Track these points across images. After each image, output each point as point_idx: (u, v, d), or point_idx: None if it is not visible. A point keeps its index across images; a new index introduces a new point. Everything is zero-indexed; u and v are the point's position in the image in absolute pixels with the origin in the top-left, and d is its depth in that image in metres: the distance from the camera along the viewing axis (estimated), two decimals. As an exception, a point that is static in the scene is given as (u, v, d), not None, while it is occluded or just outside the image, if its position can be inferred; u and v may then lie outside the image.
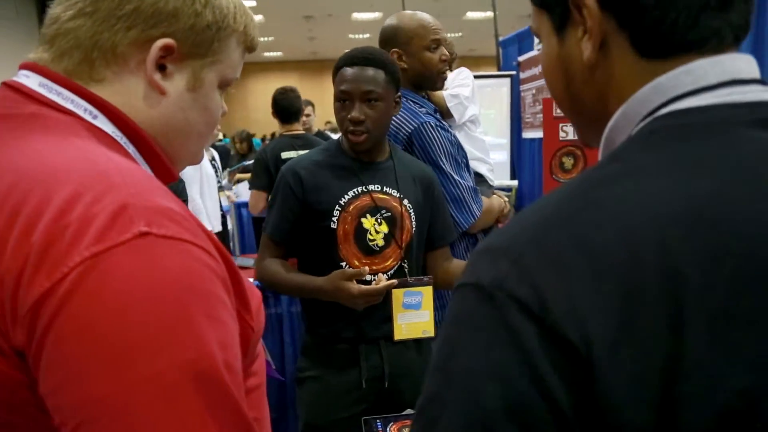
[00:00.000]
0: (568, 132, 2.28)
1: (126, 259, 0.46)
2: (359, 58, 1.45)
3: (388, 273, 1.50)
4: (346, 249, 1.47)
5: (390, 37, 1.73)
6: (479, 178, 2.03)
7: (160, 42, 0.59)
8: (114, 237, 0.46)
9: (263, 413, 0.69)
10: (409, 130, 1.65)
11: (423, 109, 1.71)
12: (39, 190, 0.48)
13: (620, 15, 0.47)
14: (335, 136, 1.82)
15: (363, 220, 1.47)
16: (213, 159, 4.29)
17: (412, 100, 1.72)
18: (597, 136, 0.55)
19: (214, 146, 6.94)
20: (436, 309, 1.77)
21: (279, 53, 18.09)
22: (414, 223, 1.53)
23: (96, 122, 0.58)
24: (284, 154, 3.25)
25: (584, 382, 0.37)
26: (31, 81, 0.58)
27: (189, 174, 3.98)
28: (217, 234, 3.96)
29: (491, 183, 2.06)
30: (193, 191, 4.04)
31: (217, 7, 0.62)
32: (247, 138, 6.62)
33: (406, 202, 1.51)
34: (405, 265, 1.52)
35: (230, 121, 17.60)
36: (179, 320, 0.47)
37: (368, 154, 1.50)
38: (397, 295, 1.47)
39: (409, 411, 1.41)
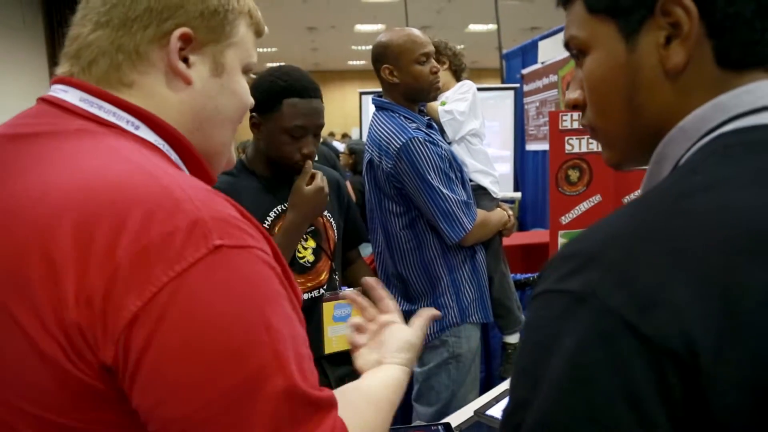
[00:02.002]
0: (573, 145, 2.29)
1: (208, 274, 0.49)
2: (309, 89, 1.40)
3: (323, 287, 1.48)
4: None
5: (380, 54, 1.77)
6: (482, 190, 2.03)
7: (178, 32, 0.61)
8: (192, 253, 0.49)
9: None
10: (398, 146, 1.68)
11: (413, 124, 1.74)
12: (111, 209, 0.50)
13: (714, 22, 0.47)
14: (341, 146, 1.82)
15: None
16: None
17: (403, 116, 1.76)
18: (640, 155, 0.55)
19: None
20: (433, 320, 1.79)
21: (281, 64, 18.14)
22: (335, 231, 1.53)
23: (139, 132, 0.59)
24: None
25: (685, 389, 0.37)
26: (71, 96, 0.59)
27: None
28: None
29: (495, 195, 2.06)
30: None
31: None
32: (245, 149, 6.64)
33: (326, 213, 1.50)
34: (335, 276, 1.51)
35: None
36: (261, 326, 0.51)
37: (282, 173, 1.45)
38: (328, 308, 1.46)
39: (418, 423, 1.41)
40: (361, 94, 4.36)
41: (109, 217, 0.49)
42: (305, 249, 1.46)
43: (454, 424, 1.35)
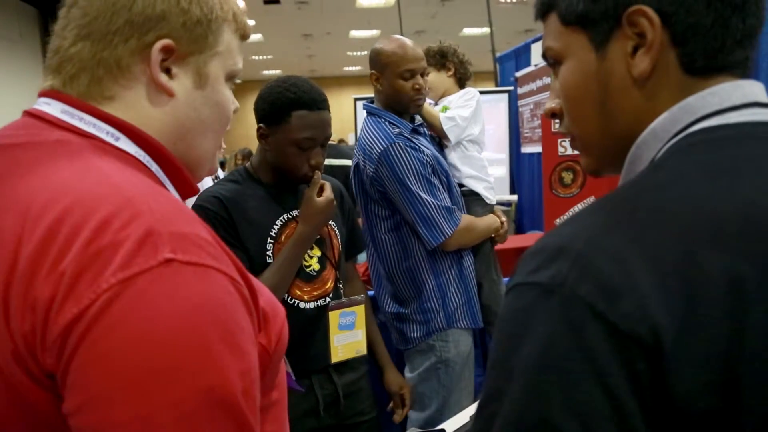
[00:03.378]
0: (566, 147, 2.30)
1: (151, 286, 0.47)
2: (318, 101, 1.41)
3: (329, 296, 1.48)
4: None
5: (371, 59, 1.81)
6: (475, 196, 2.03)
7: (159, 44, 0.60)
8: (139, 263, 0.47)
9: (284, 428, 0.69)
10: (379, 151, 1.71)
11: (396, 129, 1.76)
12: (69, 218, 0.49)
13: (677, 31, 0.50)
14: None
15: None
16: (216, 177, 4.29)
17: (388, 121, 1.78)
18: (615, 160, 0.56)
19: (222, 164, 7.00)
20: (418, 323, 1.81)
21: (278, 71, 18.21)
22: (339, 240, 1.54)
23: (119, 144, 0.59)
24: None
25: (651, 374, 0.38)
26: (53, 108, 0.59)
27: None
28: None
29: (488, 201, 2.05)
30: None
31: (203, 1, 0.63)
32: (248, 155, 6.67)
33: (330, 221, 1.51)
34: (340, 285, 1.52)
35: (231, 138, 17.66)
36: (200, 348, 0.47)
37: (288, 181, 1.47)
38: (334, 316, 1.47)
39: (414, 430, 1.41)
40: (356, 99, 4.37)
41: (67, 226, 0.49)
42: (311, 258, 1.47)
43: (449, 430, 1.35)
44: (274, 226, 1.42)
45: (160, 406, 0.46)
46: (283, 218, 1.44)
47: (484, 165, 2.10)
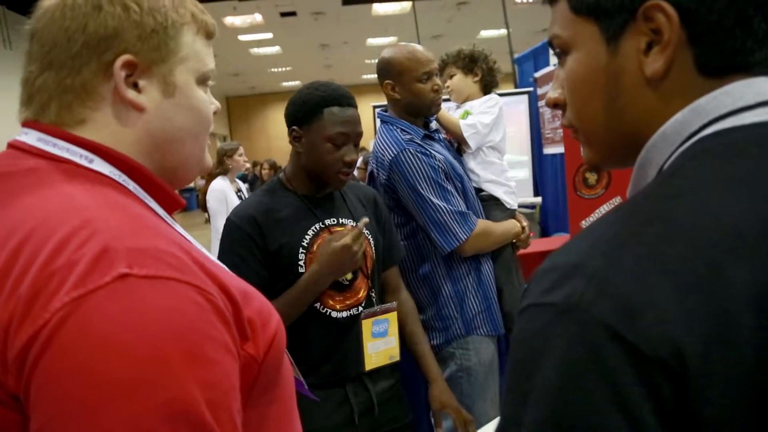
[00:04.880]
0: (589, 147, 2.26)
1: (105, 302, 0.47)
2: (347, 98, 1.43)
3: (361, 305, 1.47)
4: None
5: (383, 70, 1.80)
6: (495, 201, 2.00)
7: (119, 61, 0.60)
8: (95, 280, 0.47)
9: None
10: (390, 157, 1.71)
11: (408, 136, 1.75)
12: (30, 242, 0.50)
13: (695, 30, 0.47)
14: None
15: None
16: (239, 191, 4.34)
17: (400, 128, 1.77)
18: (620, 157, 0.54)
19: (244, 178, 7.06)
20: (437, 330, 1.78)
21: (297, 82, 18.39)
22: (373, 248, 1.52)
23: (93, 165, 0.59)
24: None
25: (676, 398, 0.36)
26: (30, 137, 0.60)
27: (215, 208, 4.04)
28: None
29: (509, 206, 2.01)
30: (219, 224, 4.08)
31: (155, 9, 0.62)
32: (274, 166, 6.74)
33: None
34: (373, 294, 1.51)
35: (253, 150, 17.91)
36: (155, 361, 0.47)
37: (321, 190, 1.47)
38: (367, 325, 1.46)
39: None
40: (375, 108, 4.37)
41: (27, 250, 0.49)
42: None
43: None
44: (306, 236, 1.42)
45: (117, 424, 0.45)
46: (316, 228, 1.43)
47: (505, 170, 2.07)
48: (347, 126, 1.40)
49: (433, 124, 1.97)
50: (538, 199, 4.46)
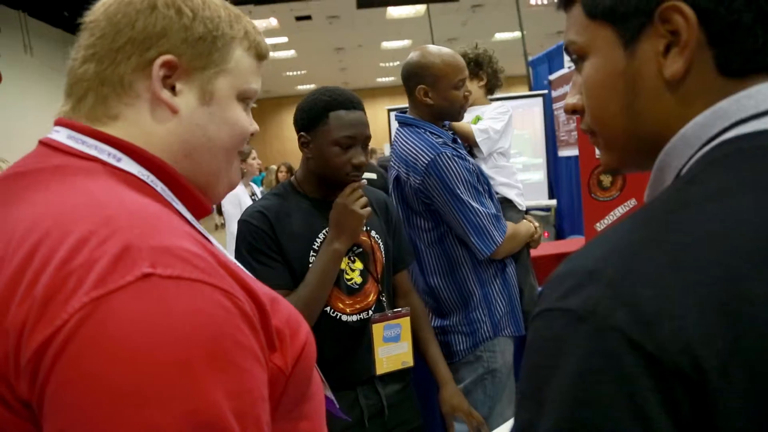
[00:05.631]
0: (604, 149, 2.25)
1: (127, 303, 0.44)
2: (354, 102, 1.43)
3: (371, 309, 1.48)
4: (329, 294, 1.43)
5: (416, 74, 1.75)
6: (508, 203, 2.02)
7: (160, 60, 0.60)
8: (116, 280, 0.44)
9: None
10: (426, 161, 1.68)
11: (440, 140, 1.74)
12: (47, 240, 0.47)
13: (714, 30, 0.46)
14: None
15: None
16: (253, 194, 4.38)
17: (429, 131, 1.75)
18: (639, 161, 0.54)
19: (269, 183, 7.12)
20: (464, 335, 1.78)
21: (312, 85, 18.46)
22: (383, 253, 1.53)
23: (121, 164, 0.58)
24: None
25: (695, 409, 0.36)
26: (61, 135, 0.59)
27: (230, 212, 4.07)
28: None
29: (521, 208, 2.04)
30: (233, 227, 4.12)
31: (207, 18, 0.63)
32: (290, 169, 6.78)
33: (373, 233, 1.51)
34: (383, 298, 1.50)
35: (268, 153, 18.03)
36: (180, 368, 0.44)
37: (332, 193, 1.46)
38: (378, 329, 1.46)
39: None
40: (389, 110, 4.39)
41: (44, 248, 0.47)
42: (353, 270, 1.46)
43: (491, 443, 1.32)
44: (317, 239, 1.43)
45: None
46: (326, 231, 1.44)
47: (514, 172, 2.10)
48: (353, 129, 1.40)
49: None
50: (553, 202, 4.44)
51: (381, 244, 1.53)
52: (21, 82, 7.48)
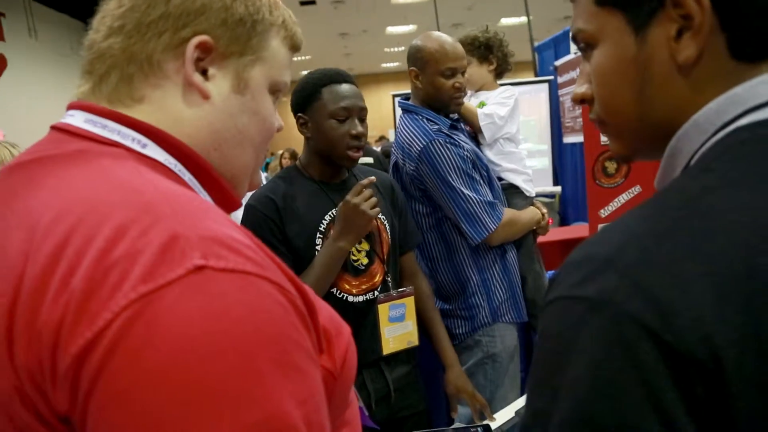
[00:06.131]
0: (609, 136, 2.24)
1: (179, 300, 0.39)
2: (344, 75, 1.46)
3: (377, 289, 1.50)
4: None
5: (411, 56, 1.80)
6: (514, 189, 2.02)
7: (195, 39, 0.54)
8: (164, 274, 0.39)
9: None
10: (419, 148, 1.70)
11: (435, 126, 1.75)
12: (80, 229, 0.42)
13: (728, 14, 0.46)
14: (377, 149, 1.84)
15: None
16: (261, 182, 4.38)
17: (426, 118, 1.77)
18: (650, 148, 0.54)
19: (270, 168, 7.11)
20: (464, 319, 1.80)
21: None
22: (389, 234, 1.55)
23: (146, 151, 0.53)
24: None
25: (712, 398, 0.36)
26: (76, 119, 0.54)
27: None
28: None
29: (528, 194, 2.04)
30: (238, 213, 4.14)
31: (249, 0, 0.58)
32: (294, 155, 6.76)
33: (379, 214, 1.52)
34: (388, 279, 1.53)
35: (274, 139, 17.95)
36: (245, 374, 0.39)
37: (337, 175, 1.50)
38: (383, 309, 1.49)
39: (458, 425, 1.41)
40: (394, 96, 4.38)
41: (78, 238, 0.41)
42: (359, 252, 1.48)
43: (494, 426, 1.34)
44: (323, 221, 1.45)
45: None
46: (332, 213, 1.46)
47: (522, 158, 2.08)
48: (347, 100, 1.43)
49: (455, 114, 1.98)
50: (558, 188, 4.44)
51: (387, 225, 1.55)
52: (27, 67, 7.48)
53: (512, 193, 2.00)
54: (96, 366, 0.37)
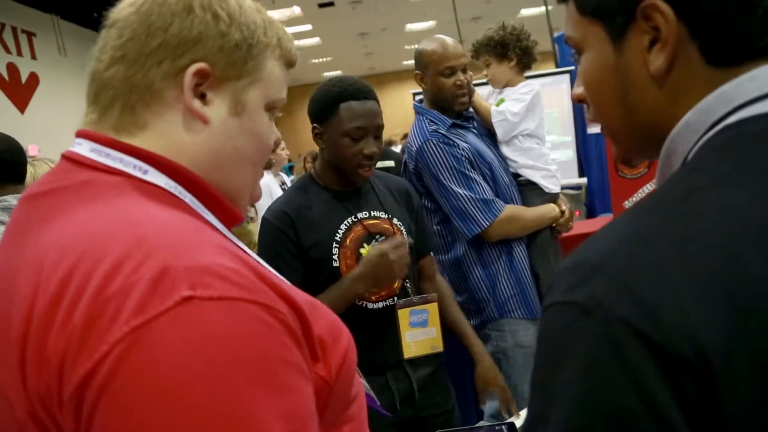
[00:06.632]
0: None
1: (169, 330, 0.42)
2: (364, 91, 1.45)
3: (395, 296, 1.50)
4: None
5: (415, 60, 1.88)
6: (532, 186, 2.00)
7: (193, 68, 0.57)
8: (156, 306, 0.43)
9: None
10: (416, 148, 1.80)
11: (434, 126, 1.82)
12: (81, 265, 0.46)
13: (696, 24, 0.47)
14: (398, 149, 1.88)
15: (361, 250, 1.47)
16: (283, 184, 4.45)
17: (429, 119, 1.85)
18: (645, 149, 0.55)
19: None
20: (472, 312, 1.82)
21: (338, 71, 18.46)
22: (407, 238, 1.54)
23: (147, 177, 0.56)
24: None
25: (702, 396, 0.36)
26: (83, 148, 0.57)
27: (261, 202, 4.16)
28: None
29: (547, 190, 2.01)
30: (265, 217, 4.20)
31: (244, 24, 0.60)
32: (315, 158, 6.77)
33: (395, 221, 1.53)
34: (408, 284, 1.53)
35: (299, 141, 18.12)
36: (228, 396, 0.42)
37: (351, 183, 1.50)
38: (403, 314, 1.49)
39: (482, 423, 1.42)
40: (414, 95, 4.39)
41: (79, 274, 0.45)
42: None
43: (519, 423, 1.35)
44: (339, 231, 1.46)
45: None
46: (348, 222, 1.48)
47: (543, 154, 2.05)
48: (364, 120, 1.43)
49: (470, 111, 1.99)
50: (584, 180, 4.38)
51: (404, 230, 1.56)
52: (58, 84, 7.70)
53: (529, 190, 1.99)
54: (96, 392, 0.42)
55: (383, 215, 1.52)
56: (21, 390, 0.46)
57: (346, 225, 1.47)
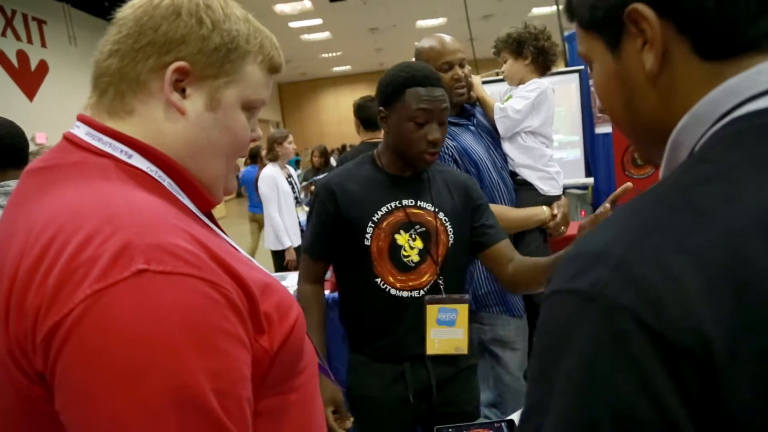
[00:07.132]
0: (639, 126, 2.20)
1: (124, 295, 0.51)
2: (431, 79, 1.44)
3: (424, 289, 1.48)
4: (381, 266, 1.46)
5: (415, 58, 1.91)
6: (528, 186, 1.99)
7: (174, 65, 0.65)
8: (114, 275, 0.51)
9: (314, 424, 0.72)
10: None
11: None
12: (60, 236, 0.54)
13: (680, 21, 0.48)
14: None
15: (396, 236, 1.46)
16: (290, 176, 4.45)
17: None
18: (658, 149, 0.55)
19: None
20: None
21: (348, 67, 18.44)
22: (451, 236, 1.50)
23: (132, 161, 0.64)
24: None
25: (703, 386, 0.36)
26: (80, 131, 0.66)
27: (267, 194, 4.18)
28: (297, 248, 4.13)
29: (543, 192, 1.99)
30: (271, 209, 4.21)
31: (226, 30, 0.67)
32: (324, 152, 6.78)
33: (441, 215, 1.49)
34: (440, 282, 1.49)
35: (306, 136, 18.16)
36: (167, 350, 0.51)
37: (409, 169, 1.50)
38: (432, 310, 1.46)
39: (482, 420, 1.41)
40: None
41: (57, 243, 0.54)
42: (411, 248, 1.47)
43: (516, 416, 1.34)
44: (379, 211, 1.46)
45: (128, 408, 0.50)
46: (390, 206, 1.47)
47: (544, 155, 2.02)
48: (429, 104, 1.41)
49: (475, 109, 1.99)
50: (590, 180, 4.36)
51: (449, 227, 1.51)
52: (67, 72, 7.74)
53: (523, 190, 1.98)
54: (60, 340, 0.51)
55: (430, 207, 1.49)
56: (4, 334, 0.55)
57: (387, 208, 1.46)
